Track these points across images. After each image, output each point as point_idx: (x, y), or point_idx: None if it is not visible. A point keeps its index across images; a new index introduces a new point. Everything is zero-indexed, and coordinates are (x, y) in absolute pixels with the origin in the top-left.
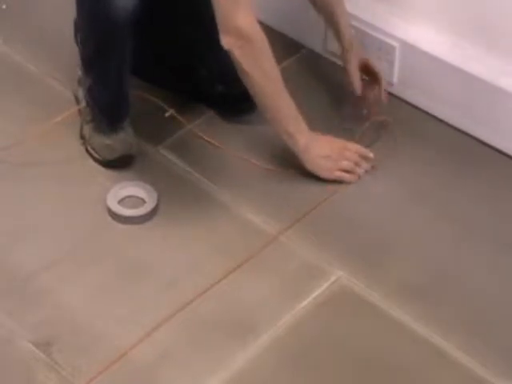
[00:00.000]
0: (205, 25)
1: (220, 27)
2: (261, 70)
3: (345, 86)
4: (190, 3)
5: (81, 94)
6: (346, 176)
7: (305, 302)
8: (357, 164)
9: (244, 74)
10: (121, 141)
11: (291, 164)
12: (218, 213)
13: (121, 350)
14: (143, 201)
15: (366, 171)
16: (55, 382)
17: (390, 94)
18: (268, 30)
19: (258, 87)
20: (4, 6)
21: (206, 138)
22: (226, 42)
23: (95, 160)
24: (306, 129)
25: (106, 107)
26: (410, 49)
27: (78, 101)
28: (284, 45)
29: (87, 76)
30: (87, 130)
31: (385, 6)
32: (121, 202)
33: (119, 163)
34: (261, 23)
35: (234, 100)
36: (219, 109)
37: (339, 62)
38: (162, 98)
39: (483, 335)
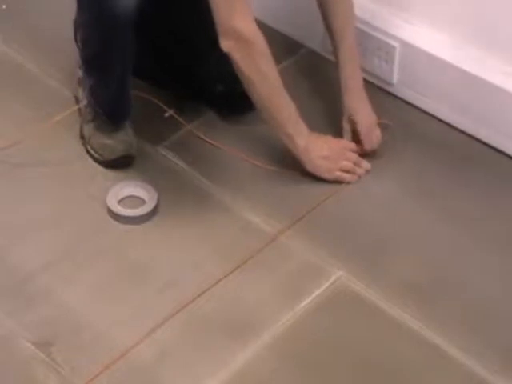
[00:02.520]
0: (205, 24)
1: (218, 30)
2: (260, 73)
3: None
4: (191, 3)
5: (81, 93)
6: (346, 176)
7: (305, 302)
8: (357, 164)
9: (243, 76)
10: (121, 141)
11: (291, 164)
12: (217, 213)
13: (121, 349)
14: (143, 201)
15: (367, 171)
16: (55, 382)
17: (389, 93)
18: (268, 29)
19: (256, 89)
20: (4, 6)
21: (205, 138)
22: (225, 44)
23: (95, 160)
24: (306, 130)
25: (108, 107)
26: (409, 49)
27: (77, 101)
28: (284, 45)
29: (89, 76)
30: (87, 129)
31: (385, 6)
32: (121, 201)
33: (119, 163)
34: (261, 23)
35: (233, 100)
36: (219, 109)
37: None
38: (162, 98)
39: (483, 335)
